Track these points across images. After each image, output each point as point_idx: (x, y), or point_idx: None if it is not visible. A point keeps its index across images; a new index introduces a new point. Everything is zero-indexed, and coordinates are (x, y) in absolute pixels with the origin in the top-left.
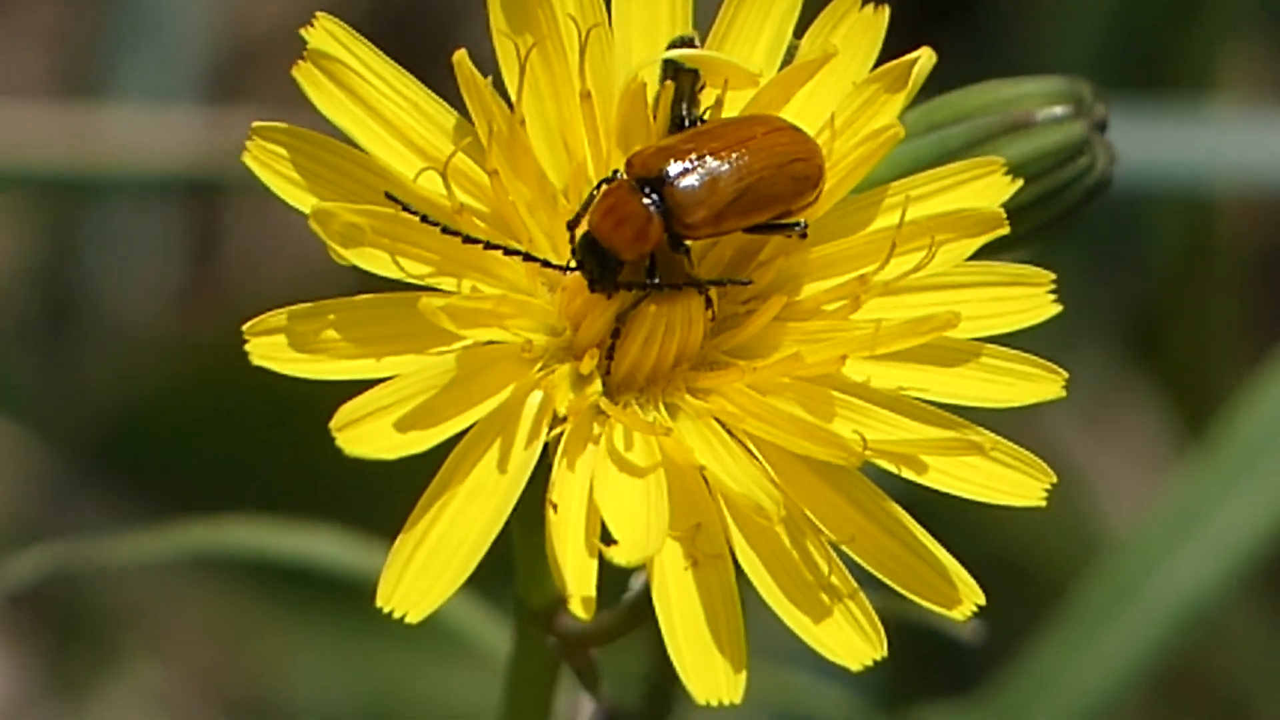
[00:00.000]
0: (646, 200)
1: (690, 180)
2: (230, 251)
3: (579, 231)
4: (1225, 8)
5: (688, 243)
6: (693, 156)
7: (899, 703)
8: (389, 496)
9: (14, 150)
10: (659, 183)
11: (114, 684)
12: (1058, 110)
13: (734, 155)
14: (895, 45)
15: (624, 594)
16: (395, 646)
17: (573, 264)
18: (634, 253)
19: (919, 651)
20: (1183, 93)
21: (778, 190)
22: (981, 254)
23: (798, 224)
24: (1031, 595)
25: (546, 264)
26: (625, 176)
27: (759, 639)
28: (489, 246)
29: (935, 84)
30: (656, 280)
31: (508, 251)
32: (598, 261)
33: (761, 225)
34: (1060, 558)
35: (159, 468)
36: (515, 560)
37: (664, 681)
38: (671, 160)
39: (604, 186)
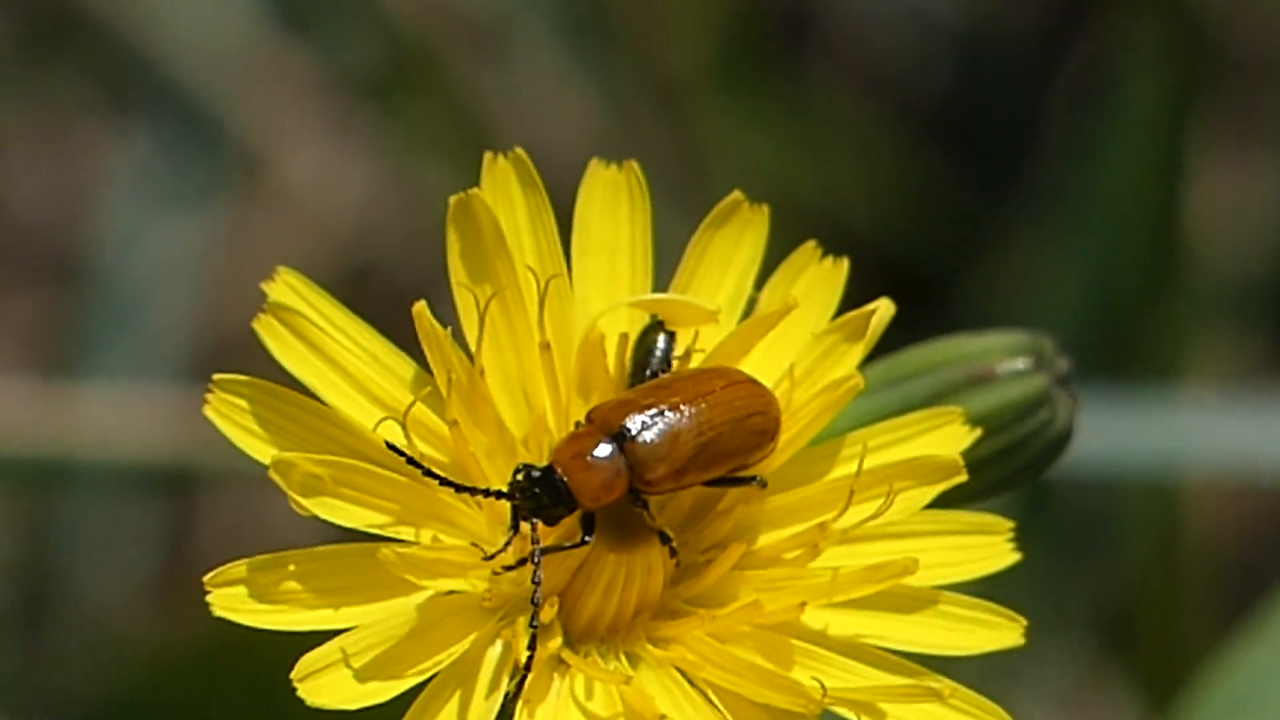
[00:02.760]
0: (609, 452)
1: (651, 435)
2: (206, 540)
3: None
4: (1194, 296)
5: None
6: (653, 412)
7: None
8: None
9: None
10: (620, 438)
11: None
12: (1019, 364)
13: (694, 410)
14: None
15: None
16: None
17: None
18: (595, 501)
19: None
20: (1153, 379)
21: (736, 444)
22: (945, 506)
23: (755, 478)
24: None
25: (504, 495)
26: (588, 426)
27: None
28: (449, 484)
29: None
30: (588, 538)
31: (471, 491)
32: (551, 495)
33: (721, 478)
34: None
35: None
36: None
37: None
38: (632, 415)
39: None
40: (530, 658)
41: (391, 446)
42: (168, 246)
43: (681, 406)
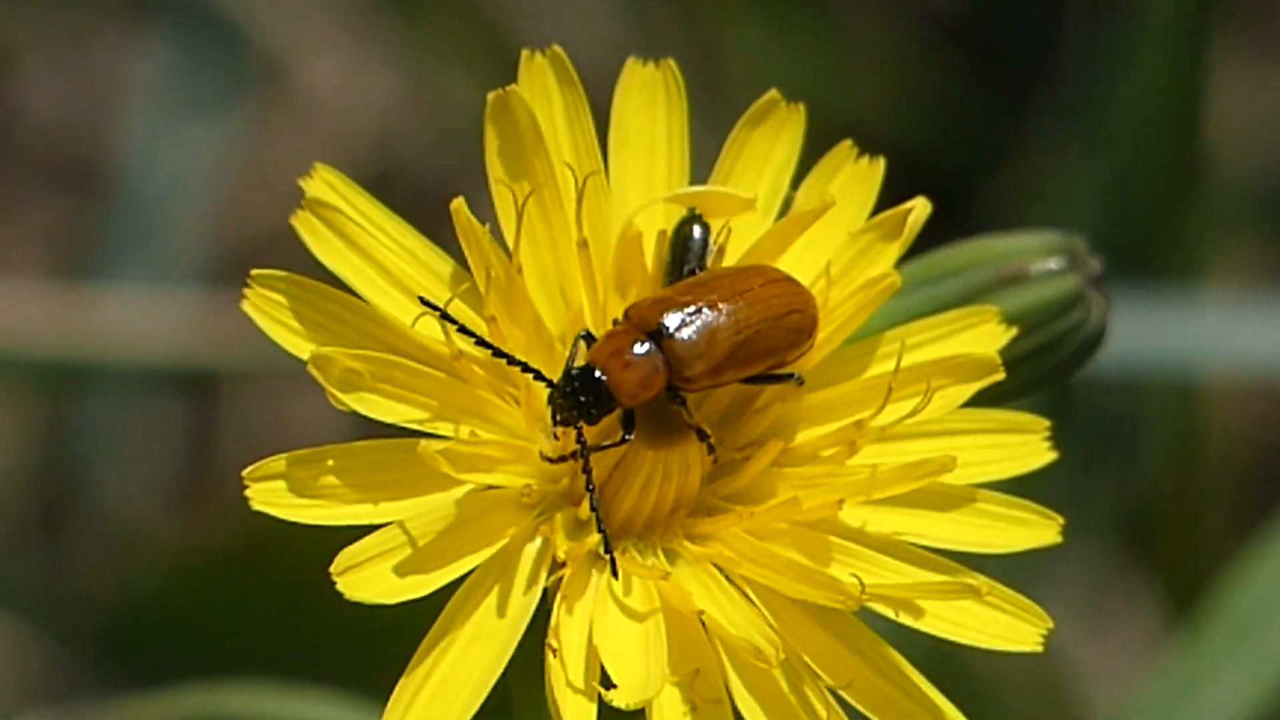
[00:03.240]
0: (646, 349)
1: (688, 333)
2: (228, 443)
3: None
4: (1217, 198)
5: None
6: (690, 310)
7: None
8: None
9: (12, 334)
10: (657, 335)
11: None
12: (1052, 264)
13: (731, 308)
14: None
15: None
16: None
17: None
18: (633, 399)
19: None
20: (1175, 281)
21: (774, 342)
22: (979, 406)
23: (793, 375)
24: None
25: (542, 378)
26: (626, 324)
27: None
28: (486, 345)
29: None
30: (629, 436)
31: (509, 360)
32: (590, 394)
33: (758, 376)
34: None
35: (159, 663)
36: (516, 715)
37: None
38: (669, 312)
39: (580, 341)
40: (612, 558)
41: (432, 305)
42: (189, 153)
43: (719, 304)
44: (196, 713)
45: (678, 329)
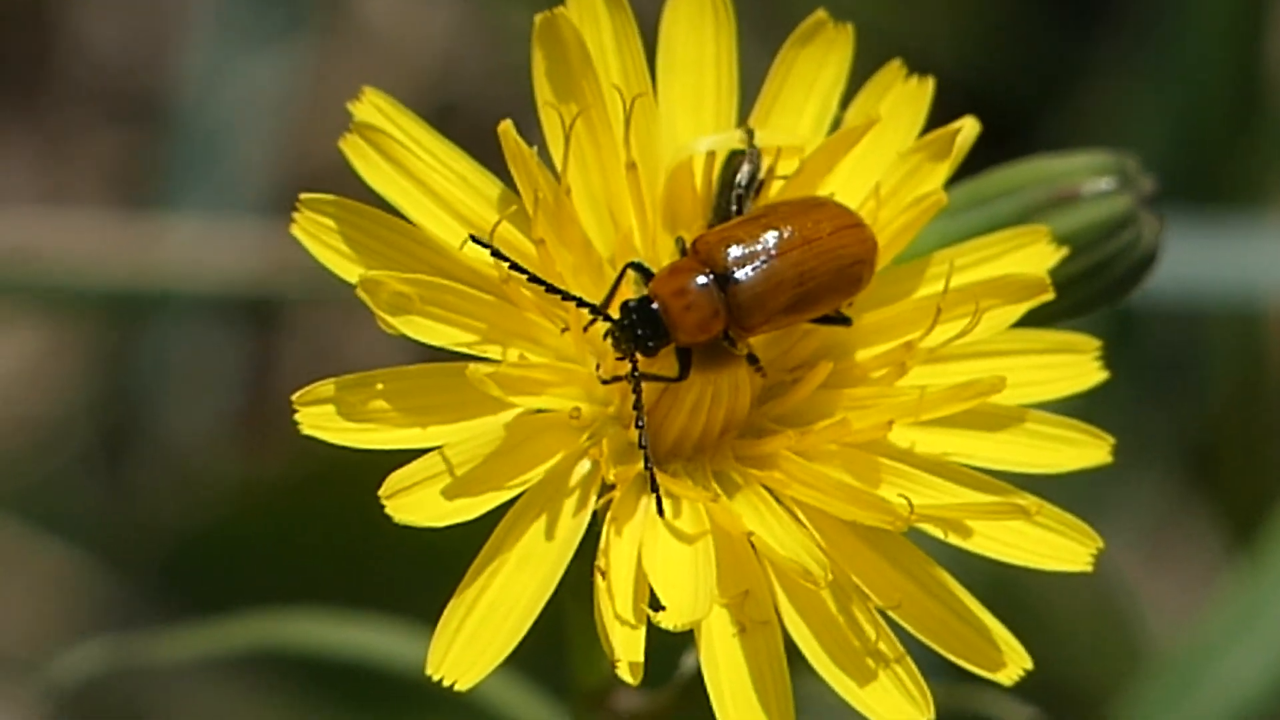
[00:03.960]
0: (709, 291)
1: (755, 284)
2: (289, 371)
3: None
4: (1277, 132)
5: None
6: (761, 259)
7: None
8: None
9: (76, 265)
10: (724, 280)
11: None
12: (1104, 184)
13: (799, 258)
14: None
15: (675, 673)
16: None
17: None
18: (690, 339)
19: None
20: (1238, 209)
21: (834, 293)
22: (1029, 326)
23: (846, 319)
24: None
25: (585, 304)
26: (692, 259)
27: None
28: (539, 281)
29: None
30: (683, 376)
31: (563, 295)
32: (647, 327)
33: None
34: (1115, 681)
35: (220, 593)
36: (569, 638)
37: None
38: (738, 256)
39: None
40: (658, 497)
41: (482, 243)
42: (250, 83)
43: (788, 252)
44: (254, 642)
45: (745, 278)
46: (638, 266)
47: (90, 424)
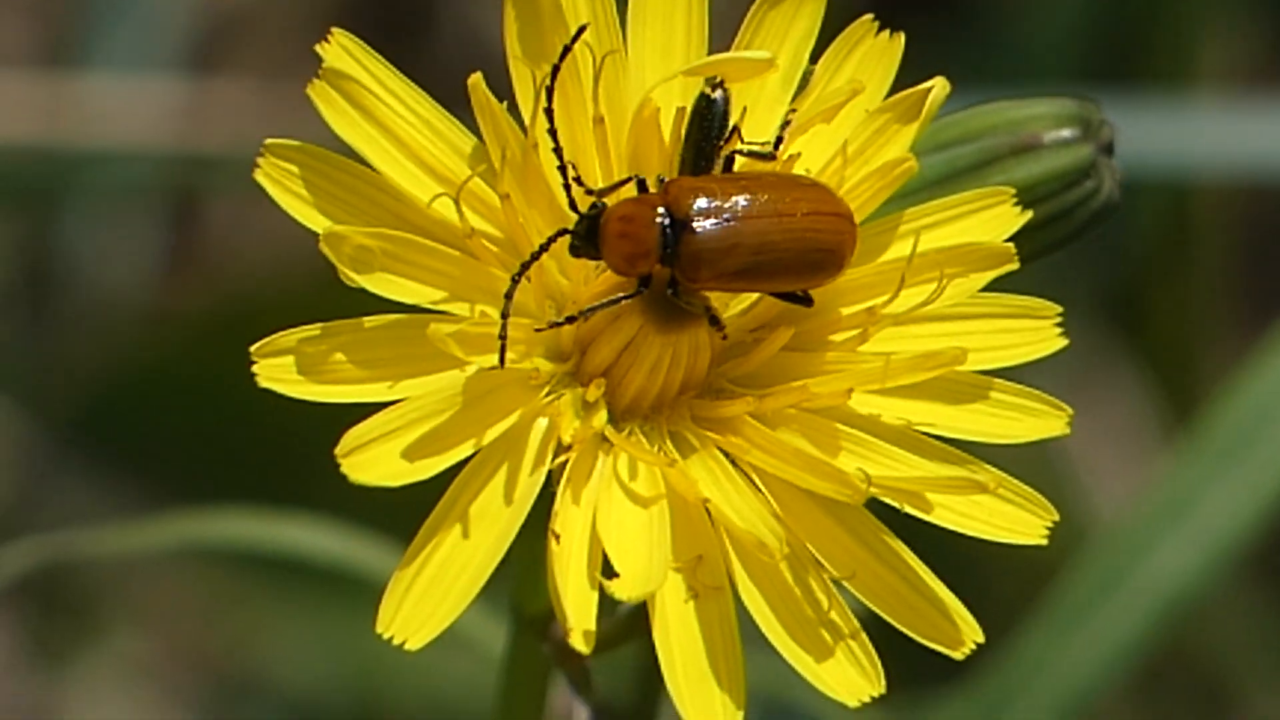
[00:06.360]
0: (658, 224)
1: (709, 240)
2: (211, 221)
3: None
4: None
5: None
6: (724, 213)
7: (885, 692)
8: None
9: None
10: (680, 225)
11: (95, 654)
12: (1066, 133)
13: (765, 227)
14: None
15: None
16: None
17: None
18: (616, 266)
19: (904, 639)
20: (1164, 82)
21: (790, 276)
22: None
23: (806, 297)
24: (1016, 581)
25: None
26: (659, 197)
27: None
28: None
29: (918, 71)
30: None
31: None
32: (587, 239)
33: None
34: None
35: (142, 437)
36: (514, 567)
37: (651, 682)
38: (704, 202)
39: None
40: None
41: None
42: None
43: (756, 219)
44: (180, 539)
45: (700, 230)
46: (640, 182)
47: (12, 269)
